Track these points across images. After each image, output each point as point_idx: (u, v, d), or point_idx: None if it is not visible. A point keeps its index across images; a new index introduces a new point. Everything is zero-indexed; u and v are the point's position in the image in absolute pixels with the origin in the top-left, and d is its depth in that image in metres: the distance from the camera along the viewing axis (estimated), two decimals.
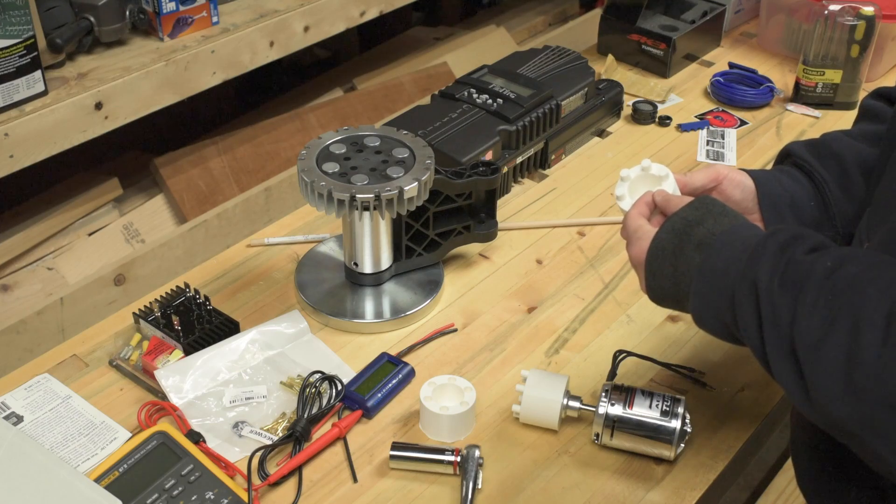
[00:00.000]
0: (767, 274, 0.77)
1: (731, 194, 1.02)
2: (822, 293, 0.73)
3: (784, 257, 0.78)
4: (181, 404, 1.03)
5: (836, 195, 1.01)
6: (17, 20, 1.15)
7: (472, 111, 1.36)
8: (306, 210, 1.35)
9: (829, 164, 1.02)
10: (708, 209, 0.87)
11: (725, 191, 1.02)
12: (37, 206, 1.45)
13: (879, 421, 0.69)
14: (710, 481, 0.98)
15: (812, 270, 0.75)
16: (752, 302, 0.78)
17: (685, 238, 0.86)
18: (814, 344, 0.72)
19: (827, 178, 1.01)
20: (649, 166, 1.00)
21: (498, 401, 1.06)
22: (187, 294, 1.14)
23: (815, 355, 0.72)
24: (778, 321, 0.75)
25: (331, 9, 1.52)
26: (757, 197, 1.01)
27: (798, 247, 0.78)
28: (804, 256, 0.77)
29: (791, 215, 1.01)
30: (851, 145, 1.02)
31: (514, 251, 1.28)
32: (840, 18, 1.51)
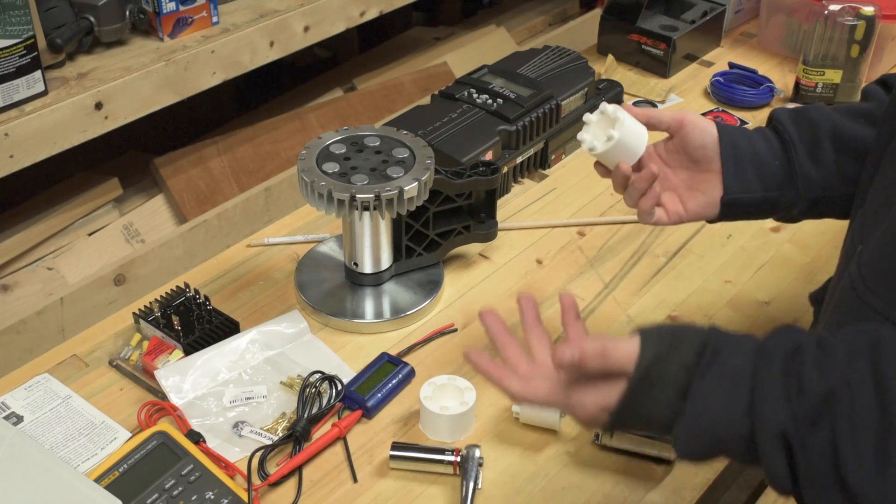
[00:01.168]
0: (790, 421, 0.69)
1: (694, 138, 0.99)
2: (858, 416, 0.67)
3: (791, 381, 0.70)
4: (181, 404, 1.03)
5: (803, 158, 0.98)
6: (17, 20, 1.15)
7: (472, 111, 1.36)
8: (306, 210, 1.35)
9: (802, 127, 0.99)
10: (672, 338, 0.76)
11: (689, 134, 0.99)
12: (37, 206, 1.45)
13: None
14: (710, 481, 0.98)
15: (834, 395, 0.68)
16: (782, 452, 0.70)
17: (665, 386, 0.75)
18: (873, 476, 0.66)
19: (795, 140, 0.98)
20: (605, 109, 0.98)
21: (498, 401, 1.06)
22: (187, 294, 1.14)
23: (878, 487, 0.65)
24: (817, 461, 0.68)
25: (331, 9, 1.52)
26: (719, 145, 0.99)
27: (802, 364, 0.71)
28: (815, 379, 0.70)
29: (752, 171, 0.98)
30: (829, 115, 1.00)
31: (514, 251, 1.28)
32: (840, 18, 1.51)
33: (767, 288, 1.23)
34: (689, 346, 0.75)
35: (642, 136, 0.98)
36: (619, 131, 0.96)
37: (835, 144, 0.98)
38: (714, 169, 0.99)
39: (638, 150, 0.98)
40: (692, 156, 1.00)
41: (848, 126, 0.98)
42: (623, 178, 0.98)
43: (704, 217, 1.02)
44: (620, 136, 0.96)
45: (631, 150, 0.97)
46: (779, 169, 0.99)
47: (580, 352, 0.76)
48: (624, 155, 0.98)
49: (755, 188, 0.99)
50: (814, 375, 0.70)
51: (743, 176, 0.99)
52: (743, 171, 0.98)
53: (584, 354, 0.76)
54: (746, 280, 1.24)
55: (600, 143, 0.98)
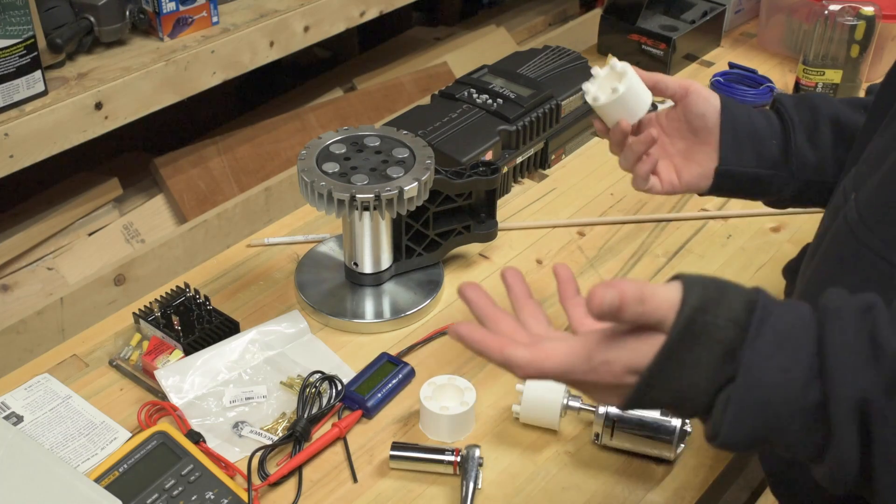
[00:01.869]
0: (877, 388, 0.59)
1: (696, 106, 1.00)
2: None
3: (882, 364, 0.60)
4: (181, 404, 1.03)
5: (800, 140, 0.99)
6: (17, 20, 1.15)
7: (472, 111, 1.36)
8: (306, 210, 1.35)
9: (802, 110, 1.00)
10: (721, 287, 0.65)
11: (691, 102, 1.00)
12: (37, 206, 1.45)
13: None
14: (710, 481, 0.98)
15: None
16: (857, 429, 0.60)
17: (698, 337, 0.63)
18: None
19: (795, 122, 0.99)
20: (615, 64, 0.99)
21: (498, 401, 1.06)
22: (187, 294, 1.14)
23: None
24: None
25: (331, 9, 1.52)
26: (720, 117, 0.99)
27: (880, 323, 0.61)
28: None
29: (749, 146, 0.99)
30: (831, 102, 1.01)
31: (514, 251, 1.28)
32: (840, 18, 1.51)
33: (767, 288, 1.22)
34: (737, 300, 0.64)
35: (645, 98, 0.99)
36: (624, 86, 0.97)
37: (833, 130, 0.99)
38: (711, 141, 1.00)
39: (639, 110, 0.99)
40: (692, 125, 1.01)
41: (847, 114, 0.99)
42: (621, 135, 0.98)
43: (697, 188, 1.02)
44: (624, 91, 0.96)
45: (632, 109, 0.98)
46: (776, 147, 0.99)
47: (619, 294, 0.62)
48: (625, 112, 0.98)
49: (750, 163, 1.00)
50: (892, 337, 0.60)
51: (739, 149, 0.99)
52: (740, 145, 0.99)
53: (624, 298, 0.62)
54: (746, 280, 1.24)
55: (604, 95, 0.98)
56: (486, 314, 0.73)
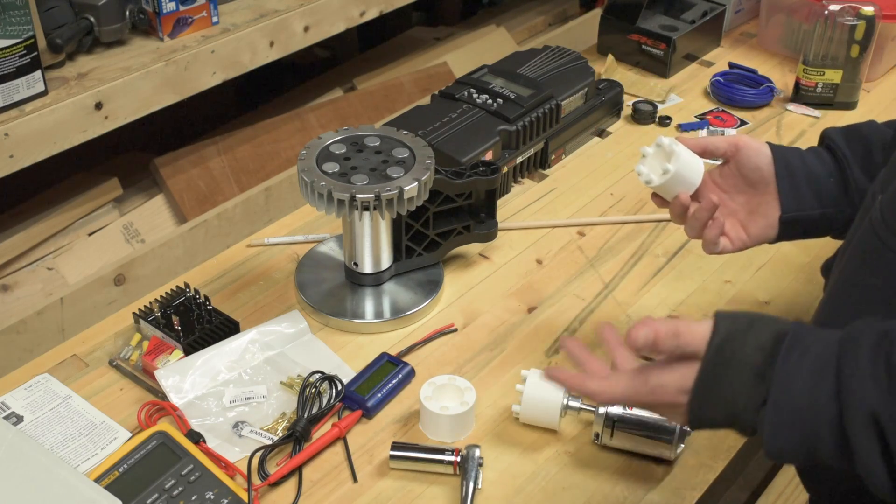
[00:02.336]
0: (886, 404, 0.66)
1: (749, 160, 1.01)
2: None
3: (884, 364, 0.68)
4: (181, 404, 1.03)
5: (857, 173, 0.99)
6: (17, 20, 1.15)
7: (472, 111, 1.36)
8: (306, 210, 1.35)
9: (854, 143, 1.01)
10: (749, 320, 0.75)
11: (744, 157, 1.01)
12: (37, 206, 1.45)
13: None
14: (710, 481, 0.98)
15: None
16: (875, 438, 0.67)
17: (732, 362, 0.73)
18: None
19: (849, 156, 1.00)
20: (662, 142, 1.01)
21: (498, 401, 1.06)
22: (187, 294, 1.14)
23: None
24: None
25: (331, 9, 1.52)
26: (774, 168, 1.00)
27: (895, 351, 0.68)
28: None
29: (808, 189, 1.00)
30: (879, 129, 1.02)
31: (514, 251, 1.28)
32: (840, 18, 1.51)
33: (767, 288, 1.23)
34: (766, 330, 0.73)
35: (698, 167, 1.00)
36: (674, 164, 0.98)
37: (885, 154, 0.98)
38: (770, 191, 1.01)
39: (695, 181, 1.00)
40: (748, 179, 1.01)
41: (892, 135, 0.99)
42: (682, 208, 1.00)
43: (766, 239, 1.03)
44: (677, 169, 0.98)
45: (688, 182, 1.00)
46: (834, 185, 1.00)
47: (654, 331, 0.76)
48: (681, 186, 1.00)
49: (812, 205, 1.00)
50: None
51: (798, 194, 1.00)
52: (798, 189, 0.99)
53: (658, 334, 0.76)
54: (746, 280, 1.24)
55: (657, 176, 1.00)
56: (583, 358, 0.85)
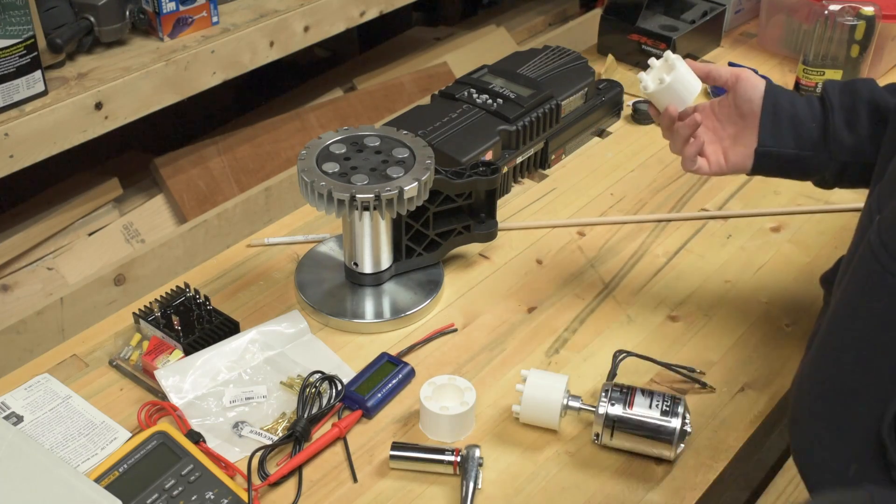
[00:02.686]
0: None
1: (744, 91, 1.06)
2: None
3: None
4: (181, 404, 1.03)
5: (838, 122, 1.02)
6: (17, 20, 1.15)
7: (472, 111, 1.36)
8: (306, 210, 1.35)
9: (844, 94, 1.04)
10: None
11: (740, 88, 1.06)
12: (37, 206, 1.45)
13: None
14: (710, 481, 0.98)
15: None
16: None
17: None
18: None
19: (835, 105, 1.03)
20: (668, 55, 1.08)
21: (498, 401, 1.06)
22: (187, 294, 1.14)
23: None
24: None
25: (331, 9, 1.52)
26: (762, 101, 1.05)
27: None
28: None
29: (788, 128, 1.04)
30: (873, 87, 1.04)
31: (514, 251, 1.28)
32: (840, 18, 1.51)
33: (767, 288, 1.23)
34: None
35: (694, 86, 1.06)
36: (671, 76, 1.05)
37: (870, 113, 1.02)
38: (755, 123, 1.06)
39: (686, 98, 1.06)
40: (740, 109, 1.07)
41: (886, 98, 1.02)
42: (669, 120, 1.07)
43: (743, 169, 1.08)
44: (671, 82, 1.05)
45: (680, 96, 1.06)
46: (815, 130, 1.04)
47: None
48: (673, 99, 1.06)
49: (788, 144, 1.04)
50: None
51: (777, 131, 1.04)
52: (778, 126, 1.04)
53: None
54: (746, 280, 1.24)
55: (653, 84, 1.07)
56: None
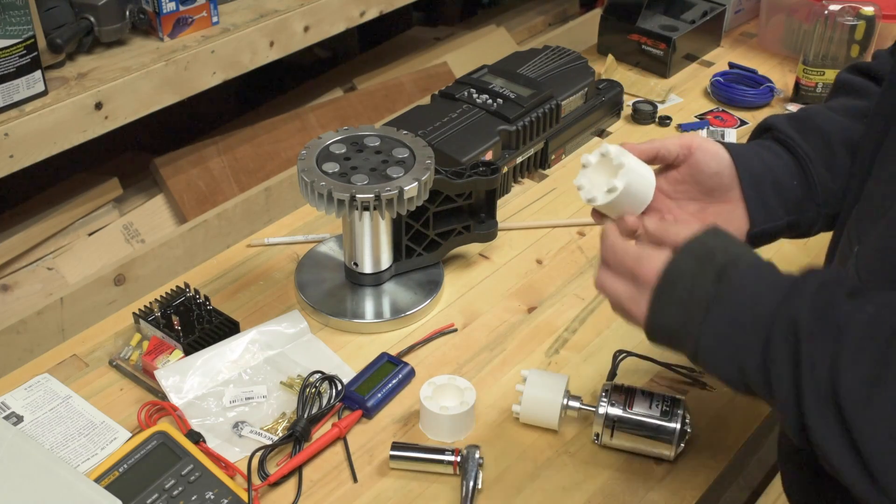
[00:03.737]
0: (807, 314, 0.69)
1: (707, 166, 0.92)
2: (867, 341, 0.66)
3: (822, 298, 0.70)
4: (181, 404, 1.03)
5: (821, 173, 0.93)
6: (17, 20, 1.15)
7: (472, 111, 1.36)
8: (306, 210, 1.35)
9: (812, 139, 0.94)
10: (728, 239, 0.78)
11: (700, 161, 0.92)
12: (37, 206, 1.45)
13: None
14: (710, 481, 0.98)
15: (854, 317, 0.68)
16: (791, 344, 0.69)
17: (706, 263, 0.75)
18: (861, 401, 0.65)
19: (811, 155, 0.93)
20: (608, 152, 0.88)
21: (498, 401, 1.06)
22: (187, 294, 1.14)
23: (864, 414, 0.65)
24: (819, 369, 0.67)
25: (331, 9, 1.52)
26: (736, 173, 0.93)
27: (837, 289, 0.71)
28: (844, 301, 0.70)
29: (773, 194, 0.93)
30: (835, 120, 0.95)
31: (514, 251, 1.28)
32: (840, 18, 1.51)
33: None
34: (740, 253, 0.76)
35: (650, 182, 0.89)
36: (622, 180, 0.86)
37: (848, 151, 0.93)
38: (732, 199, 0.93)
39: (645, 199, 0.88)
40: (703, 185, 0.93)
41: (855, 129, 0.94)
42: (629, 233, 0.86)
43: None
44: (625, 186, 0.85)
45: (638, 200, 0.88)
46: (798, 189, 0.93)
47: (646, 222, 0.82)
48: (630, 205, 0.87)
49: (780, 214, 0.94)
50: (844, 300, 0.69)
51: (767, 205, 0.93)
52: (765, 200, 0.93)
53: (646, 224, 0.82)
54: None
55: (601, 194, 0.87)
56: None
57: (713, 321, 0.74)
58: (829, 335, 0.68)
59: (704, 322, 0.74)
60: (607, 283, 0.83)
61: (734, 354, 0.74)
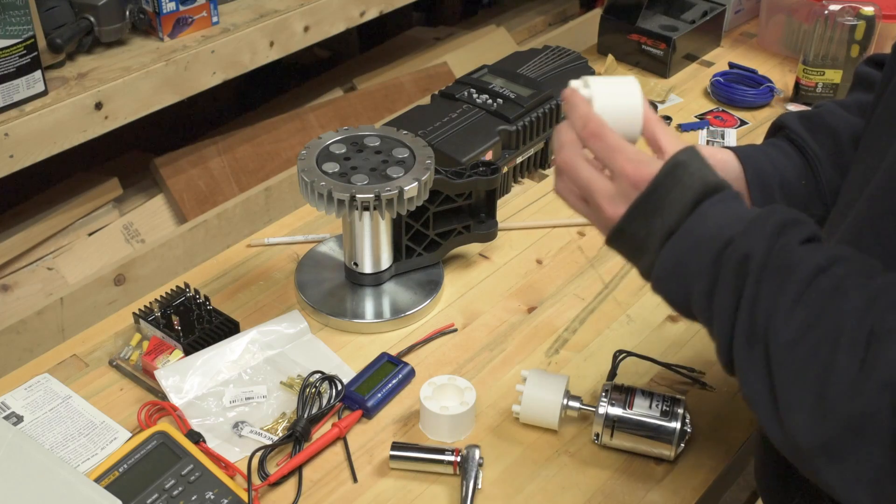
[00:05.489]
0: (761, 251, 0.71)
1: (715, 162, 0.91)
2: (808, 290, 0.68)
3: (780, 240, 0.72)
4: (181, 404, 1.03)
5: (829, 173, 0.95)
6: (17, 20, 1.15)
7: (472, 111, 1.36)
8: (306, 210, 1.35)
9: (822, 139, 0.95)
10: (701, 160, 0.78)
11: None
12: (37, 206, 1.45)
13: (840, 444, 0.65)
14: (710, 481, 0.98)
15: (803, 262, 0.70)
16: (738, 277, 0.71)
17: (687, 190, 0.76)
18: (788, 342, 0.67)
19: (820, 155, 0.95)
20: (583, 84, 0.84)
21: (498, 401, 1.06)
22: (187, 294, 1.14)
23: (787, 355, 0.67)
24: (758, 306, 0.70)
25: (331, 9, 1.52)
26: (745, 176, 0.94)
27: (796, 233, 0.72)
28: (799, 245, 0.71)
29: (781, 196, 0.94)
30: (846, 119, 0.96)
31: (514, 251, 1.28)
32: (840, 18, 1.51)
33: None
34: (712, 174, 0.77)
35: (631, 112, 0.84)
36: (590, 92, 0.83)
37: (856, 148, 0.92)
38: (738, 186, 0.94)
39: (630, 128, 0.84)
40: None
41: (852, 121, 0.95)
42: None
43: None
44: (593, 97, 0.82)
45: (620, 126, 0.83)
46: (805, 188, 0.95)
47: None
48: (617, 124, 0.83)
49: None
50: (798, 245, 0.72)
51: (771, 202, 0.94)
52: (772, 201, 0.94)
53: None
54: None
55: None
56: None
57: (674, 244, 0.75)
58: (777, 276, 0.70)
59: (667, 243, 0.76)
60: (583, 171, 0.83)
61: (684, 278, 0.75)
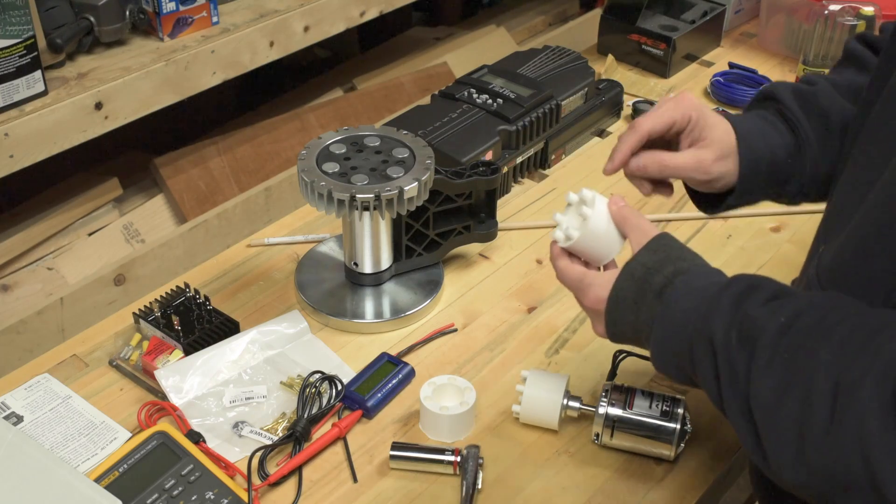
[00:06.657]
0: (722, 330, 0.76)
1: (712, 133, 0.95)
2: (776, 353, 0.72)
3: (739, 312, 0.76)
4: (181, 404, 1.03)
5: (815, 155, 0.97)
6: (17, 20, 1.15)
7: (472, 111, 1.36)
8: (306, 210, 1.35)
9: (815, 121, 0.97)
10: (667, 254, 0.85)
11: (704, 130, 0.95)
12: (37, 206, 1.45)
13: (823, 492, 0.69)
14: (710, 481, 0.98)
15: (766, 327, 0.73)
16: (710, 358, 0.77)
17: (646, 286, 0.83)
18: (769, 406, 0.72)
19: (811, 138, 0.97)
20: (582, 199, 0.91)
21: (498, 401, 1.06)
22: (187, 294, 1.14)
23: (770, 419, 0.72)
24: (735, 378, 0.75)
25: (331, 9, 1.52)
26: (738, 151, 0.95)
27: (753, 299, 0.77)
28: (759, 310, 0.75)
29: (766, 172, 0.97)
30: (839, 103, 0.98)
31: (514, 251, 1.28)
32: (840, 18, 1.51)
33: None
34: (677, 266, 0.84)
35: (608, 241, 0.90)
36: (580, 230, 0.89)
37: (843, 136, 0.95)
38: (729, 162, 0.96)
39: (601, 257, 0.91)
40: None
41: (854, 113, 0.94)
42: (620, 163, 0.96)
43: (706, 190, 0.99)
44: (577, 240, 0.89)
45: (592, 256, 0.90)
46: (788, 166, 0.97)
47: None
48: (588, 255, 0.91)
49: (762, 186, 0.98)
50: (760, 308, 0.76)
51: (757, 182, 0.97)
52: (758, 178, 0.97)
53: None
54: None
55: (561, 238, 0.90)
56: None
57: (655, 334, 0.83)
58: (743, 349, 0.74)
59: (652, 339, 0.84)
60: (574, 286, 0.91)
61: (672, 361, 0.83)
